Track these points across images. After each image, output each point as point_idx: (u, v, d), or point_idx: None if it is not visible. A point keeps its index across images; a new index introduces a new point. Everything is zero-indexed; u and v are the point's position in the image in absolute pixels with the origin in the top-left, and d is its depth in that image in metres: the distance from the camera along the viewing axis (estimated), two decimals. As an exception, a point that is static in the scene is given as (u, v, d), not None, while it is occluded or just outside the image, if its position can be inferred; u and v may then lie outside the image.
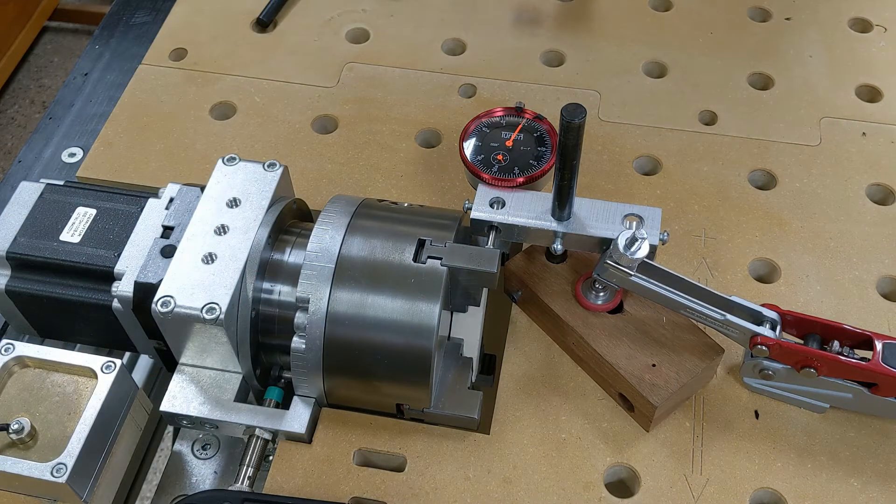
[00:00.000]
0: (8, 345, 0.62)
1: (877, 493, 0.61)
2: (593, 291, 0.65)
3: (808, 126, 0.84)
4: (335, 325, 0.58)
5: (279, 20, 0.95)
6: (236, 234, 0.62)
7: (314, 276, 0.59)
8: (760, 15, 0.95)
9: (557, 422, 0.64)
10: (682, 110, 0.85)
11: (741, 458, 0.63)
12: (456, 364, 0.64)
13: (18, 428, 0.58)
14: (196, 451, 0.67)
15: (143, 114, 0.86)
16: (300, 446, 0.63)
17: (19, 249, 0.65)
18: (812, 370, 0.60)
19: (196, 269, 0.60)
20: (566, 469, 0.62)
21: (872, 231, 0.75)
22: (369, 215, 0.63)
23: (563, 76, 0.89)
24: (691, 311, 0.61)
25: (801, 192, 0.78)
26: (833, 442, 0.64)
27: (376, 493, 0.61)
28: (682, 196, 0.78)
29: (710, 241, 0.75)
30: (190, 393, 0.62)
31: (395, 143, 0.83)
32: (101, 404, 0.60)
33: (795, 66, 0.89)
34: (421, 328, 0.58)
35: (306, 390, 0.62)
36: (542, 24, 0.94)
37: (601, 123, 0.84)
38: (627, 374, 0.62)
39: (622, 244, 0.59)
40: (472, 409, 0.62)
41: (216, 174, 0.66)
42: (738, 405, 0.65)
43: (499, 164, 0.67)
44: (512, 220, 0.64)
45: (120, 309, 0.63)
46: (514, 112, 0.70)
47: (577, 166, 0.60)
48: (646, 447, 0.63)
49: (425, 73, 0.89)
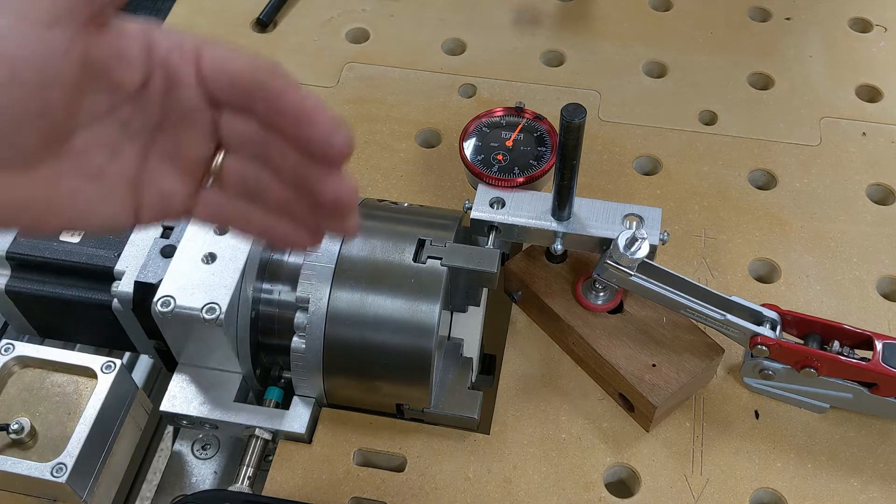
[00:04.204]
0: (8, 345, 0.62)
1: (877, 493, 0.61)
2: (593, 291, 0.65)
3: (808, 126, 0.84)
4: (335, 325, 0.58)
5: (279, 20, 0.95)
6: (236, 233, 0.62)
7: (314, 275, 0.59)
8: (760, 15, 0.95)
9: (557, 422, 0.64)
10: (682, 110, 0.85)
11: (741, 458, 0.63)
12: (456, 364, 0.64)
13: (18, 428, 0.58)
14: (196, 451, 0.67)
15: (143, 114, 0.85)
16: (300, 446, 0.63)
17: (19, 249, 0.65)
18: (812, 370, 0.60)
19: (196, 268, 0.60)
20: (566, 469, 0.62)
21: (872, 231, 0.75)
22: (369, 215, 0.63)
23: (563, 76, 0.89)
24: (691, 311, 0.61)
25: (801, 192, 0.78)
26: (833, 442, 0.64)
27: (376, 493, 0.61)
28: (682, 196, 0.78)
29: (710, 241, 0.75)
30: (190, 393, 0.62)
31: (395, 143, 0.83)
32: (101, 404, 0.60)
33: (795, 66, 0.89)
34: (421, 328, 0.58)
35: (306, 390, 0.62)
36: (542, 24, 0.94)
37: (601, 123, 0.84)
38: (627, 374, 0.62)
39: (622, 244, 0.59)
40: (472, 409, 0.62)
41: (216, 174, 0.66)
42: (738, 405, 0.65)
43: (499, 164, 0.67)
44: (512, 220, 0.64)
45: (120, 309, 0.63)
46: (514, 112, 0.70)
47: (577, 166, 0.60)
48: (646, 447, 0.63)
49: (425, 73, 0.89)
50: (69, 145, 0.36)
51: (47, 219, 0.37)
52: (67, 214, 0.38)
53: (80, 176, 0.37)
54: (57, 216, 0.37)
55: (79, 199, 0.37)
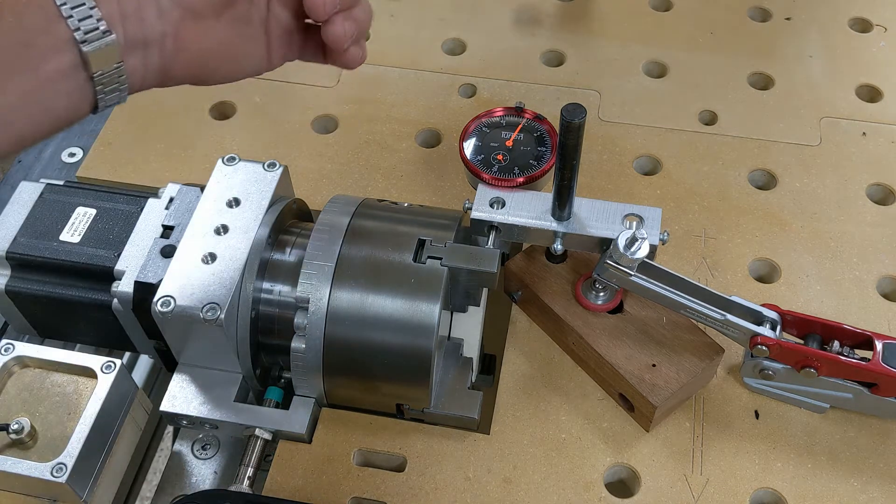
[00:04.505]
0: (8, 345, 0.62)
1: (877, 493, 0.61)
2: (593, 291, 0.65)
3: (808, 126, 0.84)
4: (335, 325, 0.58)
5: (279, 20, 0.95)
6: (236, 233, 0.62)
7: (314, 275, 0.59)
8: (760, 15, 0.95)
9: (557, 422, 0.64)
10: (682, 110, 0.85)
11: (741, 458, 0.63)
12: (456, 364, 0.64)
13: (18, 428, 0.58)
14: (196, 451, 0.67)
15: (142, 113, 0.86)
16: (300, 446, 0.63)
17: (19, 249, 0.65)
18: (812, 370, 0.60)
19: (196, 269, 0.60)
20: (566, 469, 0.62)
21: (872, 231, 0.75)
22: (369, 215, 0.63)
23: (563, 76, 0.89)
24: (691, 311, 0.61)
25: (801, 192, 0.78)
26: (833, 442, 0.64)
27: (376, 493, 0.61)
28: (682, 196, 0.78)
29: (710, 241, 0.75)
30: (190, 393, 0.62)
31: (395, 143, 0.83)
32: (101, 404, 0.60)
33: (795, 66, 0.89)
34: (421, 328, 0.58)
35: (306, 390, 0.62)
36: (542, 24, 0.94)
37: (601, 123, 0.84)
38: (627, 374, 0.62)
39: (622, 244, 0.59)
40: (472, 409, 0.62)
41: (216, 174, 0.66)
42: (738, 405, 0.65)
43: (499, 164, 0.67)
44: (512, 220, 0.64)
45: (120, 309, 0.63)
46: (514, 112, 0.70)
47: (577, 166, 0.60)
48: (646, 447, 0.63)
49: (425, 73, 0.89)
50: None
51: (224, 64, 0.50)
52: (236, 60, 0.50)
53: (240, 22, 0.49)
54: (229, 61, 0.50)
55: (239, 43, 0.50)
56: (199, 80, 0.50)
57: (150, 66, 0.46)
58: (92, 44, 0.42)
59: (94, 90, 0.44)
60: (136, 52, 0.45)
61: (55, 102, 0.43)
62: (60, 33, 0.41)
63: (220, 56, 0.49)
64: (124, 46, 0.44)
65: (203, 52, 0.48)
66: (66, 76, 0.42)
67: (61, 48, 0.41)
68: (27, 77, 0.41)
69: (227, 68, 0.50)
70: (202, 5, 0.46)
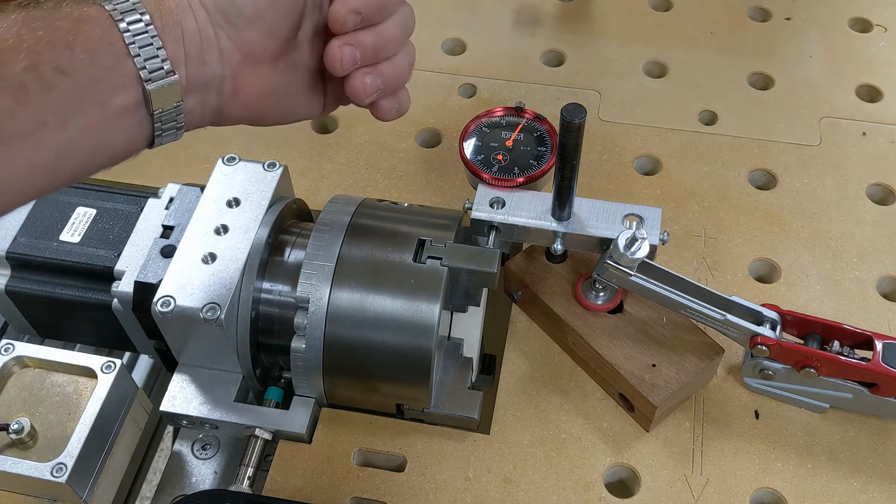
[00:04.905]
0: (8, 345, 0.62)
1: (877, 493, 0.61)
2: (593, 291, 0.65)
3: (808, 126, 0.84)
4: (335, 325, 0.58)
5: (279, 20, 0.95)
6: (236, 233, 0.62)
7: (314, 275, 0.59)
8: (760, 15, 0.95)
9: (557, 422, 0.64)
10: (682, 110, 0.85)
11: (741, 458, 0.63)
12: (456, 364, 0.64)
13: (18, 428, 0.58)
14: (196, 451, 0.67)
15: (143, 114, 0.85)
16: (300, 446, 0.63)
17: (19, 249, 0.65)
18: (812, 370, 0.60)
19: (196, 269, 0.60)
20: (566, 469, 0.62)
21: (872, 231, 0.75)
22: (369, 215, 0.63)
23: (563, 76, 0.89)
24: (691, 311, 0.61)
25: (801, 192, 0.78)
26: (833, 442, 0.64)
27: (376, 493, 0.61)
28: (682, 196, 0.78)
29: (710, 241, 0.75)
30: (190, 393, 0.62)
31: (395, 143, 0.83)
32: (101, 404, 0.60)
33: (795, 66, 0.89)
34: (421, 328, 0.58)
35: (306, 390, 0.62)
36: (542, 24, 0.94)
37: (601, 123, 0.84)
38: (627, 374, 0.62)
39: (622, 244, 0.59)
40: (472, 409, 0.62)
41: (216, 174, 0.66)
42: (738, 405, 0.65)
43: (499, 164, 0.67)
44: (512, 220, 0.64)
45: (120, 309, 0.63)
46: (514, 112, 0.70)
47: (577, 166, 0.60)
48: (646, 447, 0.63)
49: (425, 73, 0.89)
50: (294, 41, 0.49)
51: (278, 107, 0.51)
52: (290, 104, 0.51)
53: (295, 68, 0.50)
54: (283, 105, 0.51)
55: (294, 88, 0.51)
56: (254, 121, 0.51)
57: (207, 106, 0.47)
58: (156, 83, 0.43)
59: (152, 127, 0.44)
60: (195, 93, 0.46)
61: (115, 138, 0.43)
62: (127, 71, 0.42)
63: (275, 99, 0.50)
64: (185, 87, 0.45)
65: (259, 95, 0.49)
66: (129, 113, 0.43)
67: (127, 85, 0.42)
68: (92, 112, 0.41)
69: (281, 111, 0.51)
70: (261, 51, 0.48)
